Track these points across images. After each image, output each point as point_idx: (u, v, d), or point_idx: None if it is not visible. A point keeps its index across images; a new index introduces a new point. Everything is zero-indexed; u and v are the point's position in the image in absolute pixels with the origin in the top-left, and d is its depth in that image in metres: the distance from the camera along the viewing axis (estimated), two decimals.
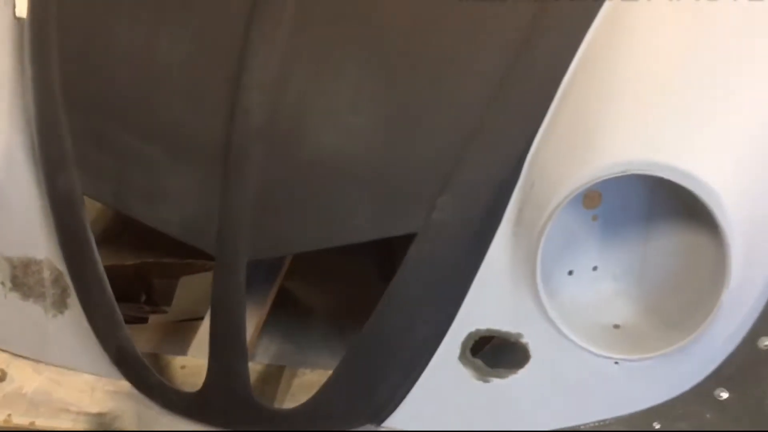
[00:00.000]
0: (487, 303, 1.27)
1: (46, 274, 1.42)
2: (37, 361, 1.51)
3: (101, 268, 1.34)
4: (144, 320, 1.87)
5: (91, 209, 2.15)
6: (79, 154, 1.32)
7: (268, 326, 1.93)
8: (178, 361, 1.50)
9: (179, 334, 1.69)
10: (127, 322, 1.40)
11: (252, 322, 1.59)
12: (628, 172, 1.14)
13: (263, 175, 1.23)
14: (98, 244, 2.10)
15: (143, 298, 1.97)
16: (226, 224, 1.23)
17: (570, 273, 1.32)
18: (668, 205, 1.29)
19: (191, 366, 1.47)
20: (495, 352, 1.32)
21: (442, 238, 1.23)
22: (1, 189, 1.39)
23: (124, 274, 1.90)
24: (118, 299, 1.73)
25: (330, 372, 1.30)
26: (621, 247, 1.33)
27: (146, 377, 1.37)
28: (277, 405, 1.41)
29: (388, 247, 1.64)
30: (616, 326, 1.30)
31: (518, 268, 1.24)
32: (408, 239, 1.22)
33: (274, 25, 1.26)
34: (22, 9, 1.43)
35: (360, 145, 1.23)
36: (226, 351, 1.28)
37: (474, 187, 1.23)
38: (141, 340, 1.64)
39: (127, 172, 1.30)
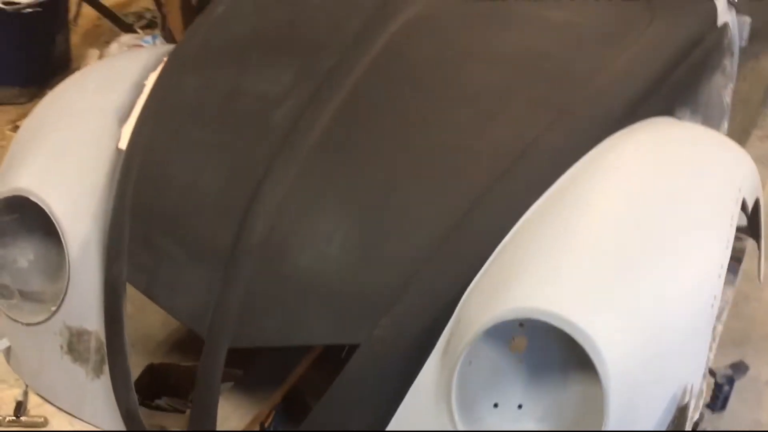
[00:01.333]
0: (415, 415, 1.50)
1: (93, 343, 1.80)
2: (74, 416, 1.86)
3: (126, 342, 1.70)
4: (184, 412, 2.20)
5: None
6: (130, 250, 1.73)
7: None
8: None
9: None
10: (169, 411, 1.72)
11: (248, 414, 1.88)
12: (519, 317, 1.39)
13: (250, 283, 1.57)
14: (171, 347, 2.47)
15: (191, 396, 2.29)
16: (216, 317, 1.57)
17: (495, 405, 1.54)
18: (580, 358, 1.49)
19: None
20: None
21: (380, 352, 1.50)
22: (76, 272, 1.80)
23: (179, 373, 2.25)
24: (170, 394, 2.08)
25: None
26: (544, 389, 1.54)
27: None
28: None
29: None
30: None
31: (441, 390, 1.48)
32: None
33: (285, 169, 1.65)
34: (124, 143, 1.91)
35: (326, 269, 1.56)
36: (201, 419, 1.58)
37: (412, 316, 1.51)
38: (171, 423, 1.95)
39: (159, 268, 1.68)
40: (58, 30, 4.61)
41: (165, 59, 2.08)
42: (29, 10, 4.26)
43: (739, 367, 1.90)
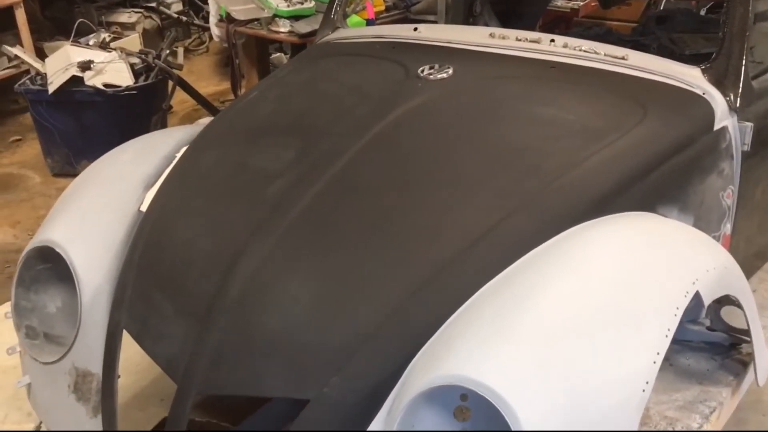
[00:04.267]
0: None
1: (95, 384, 1.98)
2: None
3: (116, 385, 1.86)
4: None
5: None
6: (130, 301, 1.91)
7: None
8: None
9: None
10: None
11: None
12: (450, 384, 1.47)
13: (222, 337, 1.72)
14: (202, 403, 2.57)
15: None
16: (188, 367, 1.72)
17: None
18: None
19: None
20: None
21: (328, 409, 1.60)
22: (86, 318, 2.00)
23: (193, 427, 2.38)
24: None
25: None
26: None
27: None
28: None
29: None
30: None
31: None
32: None
33: (266, 238, 1.81)
34: (145, 206, 2.13)
35: (288, 329, 1.69)
36: None
37: (361, 377, 1.61)
38: None
39: (149, 319, 1.86)
40: (154, 112, 5.03)
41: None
42: (127, 93, 4.70)
43: None
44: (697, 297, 1.67)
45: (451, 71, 2.25)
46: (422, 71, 2.27)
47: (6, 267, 3.87)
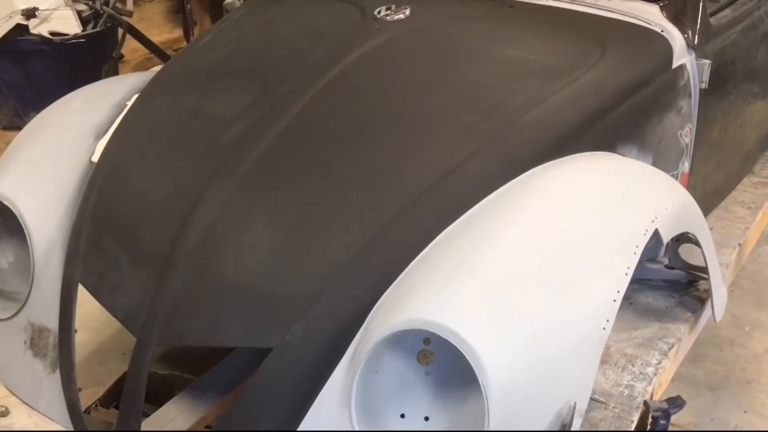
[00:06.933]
0: (322, 419, 1.58)
1: (51, 339, 1.93)
2: (32, 408, 1.99)
3: (73, 339, 1.83)
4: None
5: None
6: (85, 254, 1.87)
7: None
8: None
9: None
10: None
11: (194, 416, 1.98)
12: (413, 328, 1.46)
13: (180, 288, 1.69)
14: (163, 356, 2.55)
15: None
16: (147, 318, 1.68)
17: (402, 416, 1.60)
18: None
19: None
20: None
21: (290, 356, 1.59)
22: (40, 272, 1.95)
23: (155, 380, 2.36)
24: (146, 401, 2.20)
25: None
26: (450, 403, 1.59)
27: (81, 426, 1.80)
28: None
29: None
30: None
31: (345, 396, 1.55)
32: None
33: (223, 185, 1.78)
34: (96, 156, 2.07)
35: (248, 277, 1.66)
36: (127, 411, 1.69)
37: (323, 324, 1.59)
38: None
39: (106, 271, 1.82)
40: (105, 61, 4.89)
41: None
42: (75, 41, 4.56)
43: (675, 401, 1.90)
44: (656, 235, 1.67)
45: (408, 12, 2.21)
46: (379, 12, 2.22)
47: None
